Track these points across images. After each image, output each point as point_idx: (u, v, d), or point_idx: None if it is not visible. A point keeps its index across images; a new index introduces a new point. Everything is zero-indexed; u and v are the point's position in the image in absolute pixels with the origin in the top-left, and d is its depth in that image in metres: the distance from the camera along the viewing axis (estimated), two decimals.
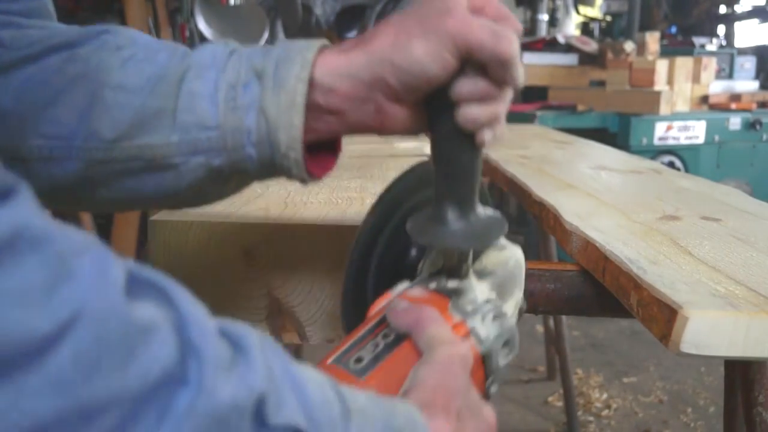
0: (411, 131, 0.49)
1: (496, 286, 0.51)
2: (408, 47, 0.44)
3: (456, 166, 0.46)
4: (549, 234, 1.90)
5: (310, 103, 0.44)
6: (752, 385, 0.76)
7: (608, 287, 0.71)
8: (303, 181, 0.48)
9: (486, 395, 0.47)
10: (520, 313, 0.56)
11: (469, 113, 0.44)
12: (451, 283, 0.48)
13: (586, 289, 0.76)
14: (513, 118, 3.38)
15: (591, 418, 2.18)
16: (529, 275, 0.77)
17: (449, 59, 0.43)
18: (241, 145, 0.44)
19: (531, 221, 3.50)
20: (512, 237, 0.54)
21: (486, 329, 0.46)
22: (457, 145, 0.46)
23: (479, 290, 0.49)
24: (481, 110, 0.44)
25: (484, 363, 0.46)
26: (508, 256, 0.53)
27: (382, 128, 0.47)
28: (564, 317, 2.13)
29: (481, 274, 0.51)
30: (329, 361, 0.43)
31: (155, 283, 0.29)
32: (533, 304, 0.77)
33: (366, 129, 0.47)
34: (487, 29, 0.43)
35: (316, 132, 0.46)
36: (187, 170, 0.45)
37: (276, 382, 0.31)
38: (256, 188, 0.83)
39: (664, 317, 0.57)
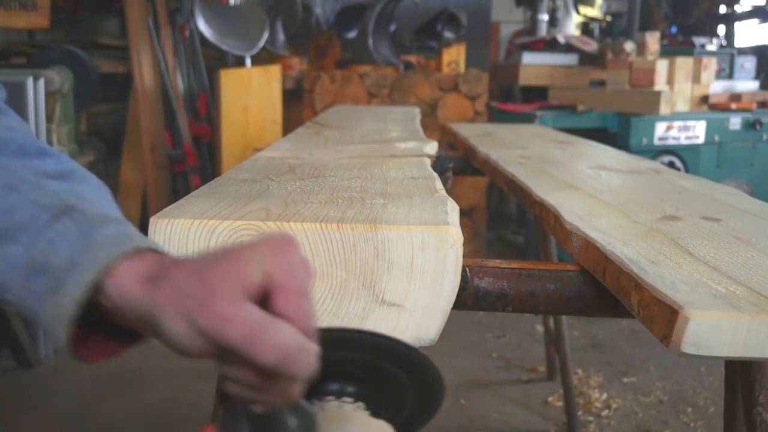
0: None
1: None
2: (173, 324, 0.43)
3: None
4: (549, 234, 1.90)
5: (91, 299, 0.46)
6: (752, 385, 0.76)
7: (609, 287, 0.71)
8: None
9: None
10: None
11: (235, 389, 0.45)
12: None
13: (586, 289, 0.76)
14: (513, 118, 3.38)
15: (591, 418, 2.18)
16: (530, 275, 0.77)
17: (206, 347, 0.43)
18: (26, 309, 0.49)
19: (531, 221, 3.50)
20: (512, 237, 0.54)
21: None
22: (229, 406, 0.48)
23: None
24: (248, 391, 0.45)
25: None
26: None
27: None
28: (564, 317, 2.13)
29: None
30: None
31: None
32: (533, 304, 0.77)
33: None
34: (245, 329, 0.41)
35: (94, 314, 0.48)
36: None
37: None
38: (256, 188, 0.83)
39: (664, 317, 0.57)
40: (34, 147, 0.55)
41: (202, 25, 3.57)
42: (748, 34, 5.79)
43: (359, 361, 0.46)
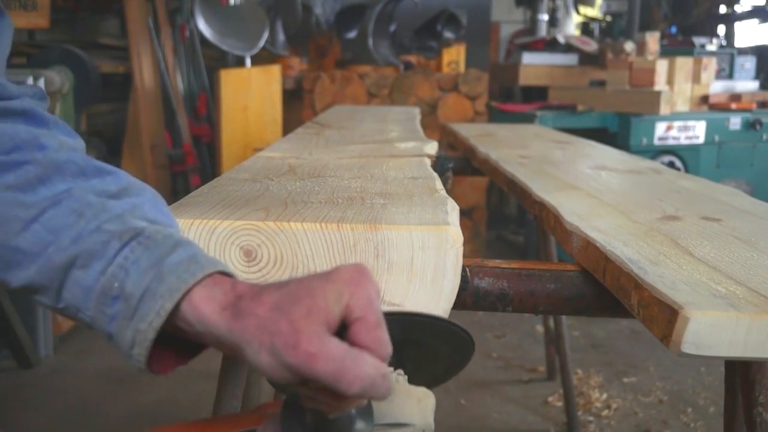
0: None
1: None
2: (258, 355, 0.45)
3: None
4: (549, 234, 1.89)
5: (167, 321, 0.48)
6: (752, 385, 0.76)
7: (609, 287, 0.71)
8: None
9: None
10: None
11: (310, 404, 0.48)
12: None
13: (586, 289, 0.76)
14: (513, 118, 3.38)
15: (591, 418, 2.18)
16: (530, 275, 0.77)
17: (290, 378, 0.45)
18: (99, 329, 0.51)
19: (531, 221, 3.50)
20: (512, 237, 0.55)
21: None
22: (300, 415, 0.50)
23: None
24: (324, 405, 0.48)
25: None
26: None
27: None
28: (564, 317, 2.13)
29: None
30: None
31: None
32: (533, 304, 0.77)
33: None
34: (332, 365, 0.43)
35: (167, 333, 0.50)
36: (62, 312, 0.53)
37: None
38: (255, 188, 0.83)
39: (664, 318, 0.57)
40: (92, 166, 0.56)
41: (202, 25, 3.57)
42: (748, 34, 5.79)
43: (394, 335, 0.48)
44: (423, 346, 0.58)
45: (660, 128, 3.19)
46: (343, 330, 0.46)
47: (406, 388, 0.56)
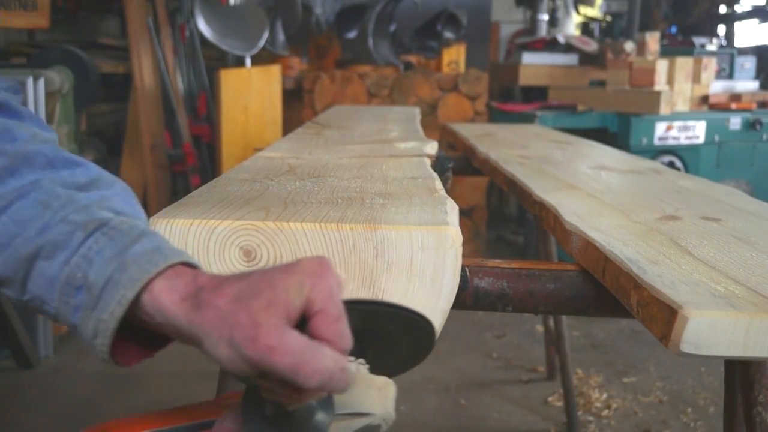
0: None
1: None
2: (217, 347, 0.45)
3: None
4: (549, 234, 1.89)
5: (129, 312, 0.48)
6: (752, 385, 0.76)
7: (608, 287, 0.71)
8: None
9: None
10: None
11: (269, 395, 0.48)
12: None
13: (586, 289, 0.76)
14: (513, 118, 3.38)
15: (591, 418, 2.18)
16: (529, 275, 0.77)
17: (249, 370, 0.45)
18: (64, 321, 0.51)
19: (531, 221, 3.50)
20: (512, 237, 0.55)
21: None
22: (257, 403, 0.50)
23: None
24: (283, 397, 0.48)
25: None
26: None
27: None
28: (564, 317, 2.13)
29: None
30: None
31: None
32: (533, 304, 0.77)
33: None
34: (290, 358, 0.43)
35: (132, 324, 0.50)
36: (27, 304, 0.53)
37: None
38: (255, 188, 0.83)
39: (664, 317, 0.57)
40: (61, 158, 0.56)
41: (202, 25, 3.57)
42: (748, 34, 5.79)
43: (354, 323, 0.49)
44: (384, 335, 0.59)
45: (660, 128, 3.19)
46: (303, 322, 0.46)
47: (367, 378, 0.56)
